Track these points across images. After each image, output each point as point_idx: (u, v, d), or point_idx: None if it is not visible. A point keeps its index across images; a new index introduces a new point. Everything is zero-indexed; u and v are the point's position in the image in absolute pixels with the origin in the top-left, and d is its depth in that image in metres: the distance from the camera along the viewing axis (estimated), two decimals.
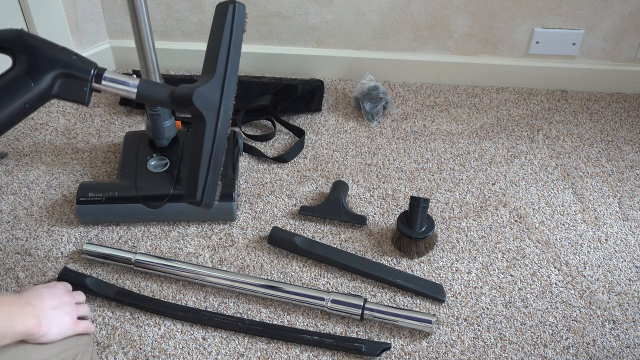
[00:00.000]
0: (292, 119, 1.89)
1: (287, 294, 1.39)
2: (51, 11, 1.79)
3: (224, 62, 0.90)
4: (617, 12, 1.86)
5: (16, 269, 1.47)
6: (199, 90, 0.88)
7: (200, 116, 0.87)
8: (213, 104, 0.88)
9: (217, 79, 0.89)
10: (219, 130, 0.88)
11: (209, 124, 0.87)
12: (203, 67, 0.91)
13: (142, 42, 1.40)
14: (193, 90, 0.87)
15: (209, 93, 0.88)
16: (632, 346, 1.36)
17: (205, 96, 0.88)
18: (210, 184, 0.88)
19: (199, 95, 0.87)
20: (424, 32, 1.94)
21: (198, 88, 0.88)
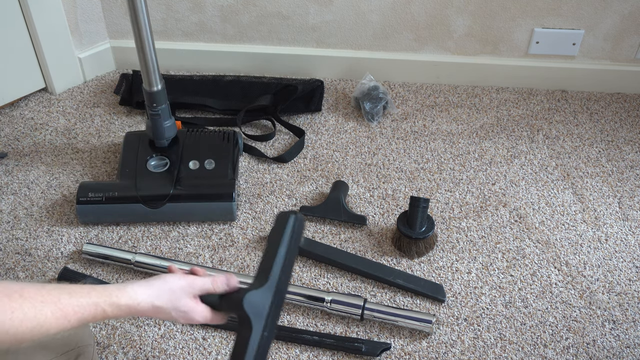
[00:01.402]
0: (292, 119, 1.89)
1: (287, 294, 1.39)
2: (51, 11, 1.79)
3: (278, 270, 0.91)
4: (617, 12, 1.86)
5: (16, 269, 1.47)
6: (251, 294, 0.89)
7: (247, 321, 0.87)
8: (262, 310, 0.89)
9: (269, 286, 0.90)
10: (265, 338, 0.88)
11: (255, 331, 0.87)
12: (257, 271, 0.93)
13: (142, 42, 1.40)
14: (244, 294, 0.88)
15: (260, 299, 0.89)
16: (632, 346, 1.36)
17: (256, 301, 0.89)
18: None
19: (249, 300, 0.88)
20: (424, 32, 1.94)
21: (250, 292, 0.89)
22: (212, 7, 1.90)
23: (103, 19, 1.93)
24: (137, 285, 0.87)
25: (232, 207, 1.54)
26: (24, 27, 1.78)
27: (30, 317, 0.75)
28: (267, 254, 0.93)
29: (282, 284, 0.92)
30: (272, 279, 0.91)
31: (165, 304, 0.88)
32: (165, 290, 0.89)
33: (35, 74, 1.89)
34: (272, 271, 0.91)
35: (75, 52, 1.93)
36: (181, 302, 0.89)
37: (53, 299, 0.78)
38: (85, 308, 0.80)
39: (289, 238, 0.94)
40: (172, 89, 1.86)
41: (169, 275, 0.90)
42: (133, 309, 0.86)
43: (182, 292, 0.90)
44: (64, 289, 0.80)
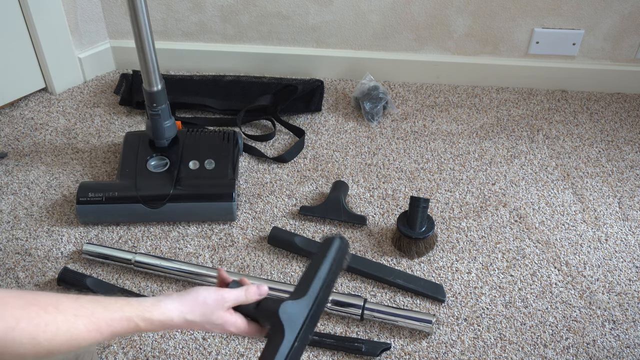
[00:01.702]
0: (292, 119, 1.89)
1: (286, 294, 1.39)
2: (51, 11, 1.79)
3: (318, 287, 0.93)
4: (617, 12, 1.86)
5: (16, 269, 1.47)
6: (288, 303, 0.90)
7: (280, 328, 0.88)
8: (297, 321, 0.90)
9: (307, 299, 0.92)
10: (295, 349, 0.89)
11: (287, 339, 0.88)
12: (296, 286, 0.94)
13: (142, 42, 1.40)
14: (281, 303, 0.90)
15: (296, 310, 0.91)
16: (632, 346, 1.36)
17: (292, 312, 0.90)
18: None
19: (285, 309, 0.89)
20: (424, 32, 1.94)
21: (287, 302, 0.90)
22: (212, 7, 1.90)
23: (103, 19, 1.93)
24: (169, 301, 0.87)
25: (232, 207, 1.54)
26: (24, 27, 1.78)
27: (64, 330, 0.75)
28: (309, 270, 0.95)
29: (320, 302, 0.93)
30: (311, 293, 0.92)
31: (198, 318, 0.89)
32: (198, 304, 0.89)
33: (35, 74, 1.89)
34: (311, 286, 0.92)
35: (75, 52, 1.93)
36: (214, 315, 0.90)
37: (87, 312, 0.78)
38: (118, 322, 0.81)
39: (333, 259, 0.96)
40: (172, 89, 1.86)
41: (201, 289, 0.91)
42: (166, 324, 0.86)
43: (215, 304, 0.90)
44: (98, 302, 0.81)
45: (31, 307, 0.74)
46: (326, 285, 0.95)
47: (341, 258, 0.98)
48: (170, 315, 0.86)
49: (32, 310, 0.74)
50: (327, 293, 0.96)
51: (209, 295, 0.91)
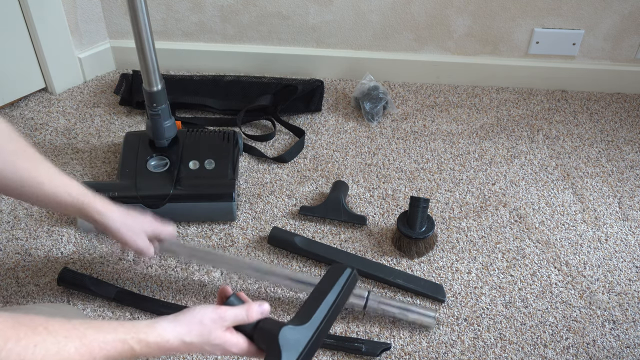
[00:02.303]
0: (292, 119, 1.89)
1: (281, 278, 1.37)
2: (51, 11, 1.79)
3: (322, 315, 0.90)
4: (617, 12, 1.86)
5: (16, 269, 1.47)
6: (289, 328, 0.87)
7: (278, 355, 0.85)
8: (296, 348, 0.87)
9: (309, 327, 0.88)
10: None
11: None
12: (300, 310, 0.91)
13: (142, 42, 1.40)
14: (282, 327, 0.87)
15: (296, 336, 0.87)
16: (632, 346, 1.36)
17: (291, 338, 0.87)
18: None
19: (285, 334, 0.87)
20: (424, 32, 1.94)
21: (288, 326, 0.87)
22: (212, 7, 1.90)
23: (103, 19, 1.93)
24: (166, 322, 0.85)
25: (232, 207, 1.54)
26: (24, 27, 1.78)
27: (53, 352, 0.73)
28: (315, 295, 0.92)
29: (322, 330, 0.90)
30: (314, 321, 0.89)
31: (196, 339, 0.86)
32: (195, 325, 0.86)
33: (35, 74, 1.89)
34: (315, 313, 0.89)
35: (75, 52, 1.93)
36: (212, 335, 0.87)
37: (78, 334, 0.76)
38: (111, 344, 0.78)
39: (341, 287, 0.93)
40: (172, 89, 1.86)
41: (198, 308, 0.88)
42: (162, 346, 0.84)
43: (213, 325, 0.87)
44: (90, 324, 0.79)
45: (20, 327, 0.72)
46: (330, 314, 0.91)
47: (349, 289, 0.95)
48: (167, 336, 0.84)
49: (20, 331, 0.71)
50: (330, 322, 0.92)
51: (206, 314, 0.87)
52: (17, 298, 1.41)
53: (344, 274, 0.94)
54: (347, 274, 0.94)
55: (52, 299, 1.41)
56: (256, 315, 0.90)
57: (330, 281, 0.93)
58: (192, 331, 0.86)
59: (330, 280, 0.93)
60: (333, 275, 0.94)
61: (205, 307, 0.88)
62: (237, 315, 0.89)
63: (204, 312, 0.87)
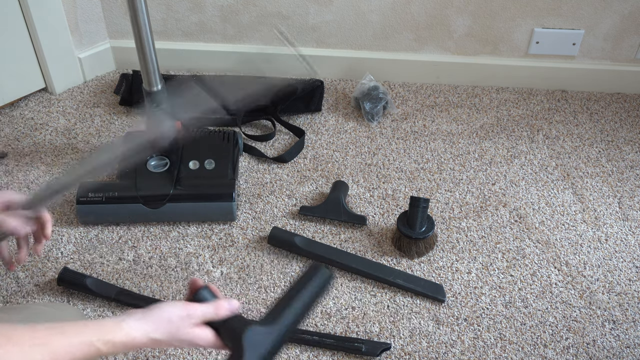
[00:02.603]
0: (292, 119, 1.89)
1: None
2: (51, 11, 1.79)
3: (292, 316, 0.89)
4: (617, 12, 1.86)
5: (16, 269, 1.47)
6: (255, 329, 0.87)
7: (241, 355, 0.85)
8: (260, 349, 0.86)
9: (276, 328, 0.88)
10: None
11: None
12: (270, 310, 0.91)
13: (142, 42, 1.40)
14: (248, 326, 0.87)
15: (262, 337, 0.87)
16: (632, 346, 1.36)
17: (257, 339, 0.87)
18: None
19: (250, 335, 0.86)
20: (424, 32, 1.94)
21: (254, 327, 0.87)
22: (212, 7, 1.90)
23: (103, 19, 1.93)
24: (133, 320, 0.84)
25: (232, 207, 1.54)
26: (24, 27, 1.78)
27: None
28: (287, 295, 0.91)
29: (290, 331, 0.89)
30: (283, 322, 0.88)
31: (163, 337, 0.85)
32: (162, 322, 0.86)
33: (35, 74, 1.89)
34: (285, 314, 0.89)
35: (75, 52, 1.93)
36: (180, 332, 0.86)
37: (43, 341, 0.75)
38: (77, 347, 0.77)
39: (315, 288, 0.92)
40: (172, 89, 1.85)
41: (166, 305, 0.87)
42: (129, 345, 0.83)
43: (181, 322, 0.86)
44: (54, 329, 0.78)
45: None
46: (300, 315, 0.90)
47: (323, 289, 0.94)
48: (134, 334, 0.83)
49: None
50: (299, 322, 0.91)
51: (174, 311, 0.86)
52: (17, 298, 1.41)
53: (319, 273, 0.93)
54: (323, 274, 0.94)
55: (52, 299, 1.41)
56: (225, 312, 0.89)
57: (305, 280, 0.93)
58: (159, 329, 0.85)
59: (305, 279, 0.93)
60: (309, 275, 0.93)
61: (174, 305, 0.87)
62: (206, 313, 0.88)
63: (172, 310, 0.86)
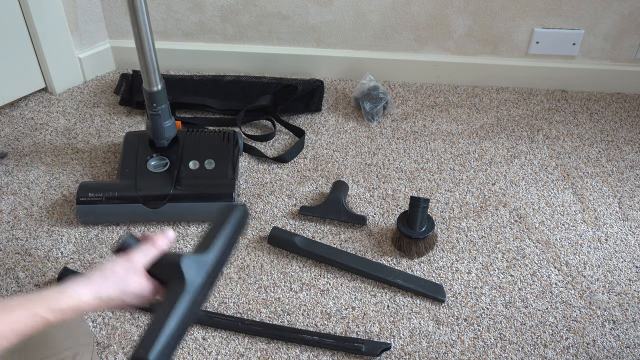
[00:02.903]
0: (292, 119, 1.89)
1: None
2: (51, 11, 1.79)
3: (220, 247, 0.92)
4: (617, 12, 1.86)
5: (16, 269, 1.47)
6: (190, 257, 0.88)
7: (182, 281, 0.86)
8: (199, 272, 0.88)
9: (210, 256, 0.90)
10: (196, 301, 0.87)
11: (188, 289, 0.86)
12: (197, 245, 0.93)
13: (142, 42, 1.40)
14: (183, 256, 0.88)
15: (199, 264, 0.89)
16: (632, 346, 1.36)
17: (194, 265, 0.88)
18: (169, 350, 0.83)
19: (187, 262, 0.87)
20: (424, 32, 1.94)
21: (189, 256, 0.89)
22: (212, 7, 1.90)
23: (103, 19, 1.93)
24: (76, 284, 0.82)
25: None
26: (24, 27, 1.78)
27: None
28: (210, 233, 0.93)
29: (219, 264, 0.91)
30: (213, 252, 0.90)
31: (112, 292, 0.83)
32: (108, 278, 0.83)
33: (35, 74, 1.89)
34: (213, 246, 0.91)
35: (75, 52, 1.93)
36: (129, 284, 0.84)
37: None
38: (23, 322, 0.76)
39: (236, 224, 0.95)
40: (172, 89, 1.86)
41: (106, 262, 0.85)
42: (79, 308, 0.81)
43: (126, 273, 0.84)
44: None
45: None
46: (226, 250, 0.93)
47: (242, 226, 0.97)
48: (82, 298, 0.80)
49: None
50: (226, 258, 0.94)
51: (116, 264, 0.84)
52: None
53: (236, 211, 0.96)
54: (240, 211, 0.97)
55: None
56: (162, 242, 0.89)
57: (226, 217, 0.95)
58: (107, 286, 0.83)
59: (226, 216, 0.96)
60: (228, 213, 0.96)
61: (114, 260, 0.86)
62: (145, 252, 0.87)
63: (113, 263, 0.85)
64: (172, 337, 0.82)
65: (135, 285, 0.84)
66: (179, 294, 0.84)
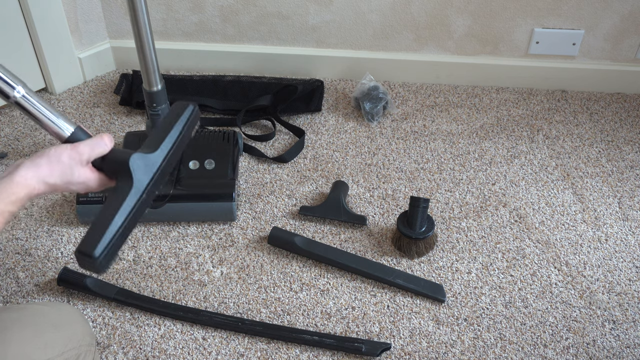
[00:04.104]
0: (292, 119, 1.89)
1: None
2: (51, 11, 1.79)
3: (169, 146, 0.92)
4: (617, 12, 1.86)
5: (16, 269, 1.47)
6: (138, 154, 0.88)
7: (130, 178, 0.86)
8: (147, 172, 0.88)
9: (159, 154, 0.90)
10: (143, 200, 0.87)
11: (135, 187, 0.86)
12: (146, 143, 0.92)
13: (142, 42, 1.40)
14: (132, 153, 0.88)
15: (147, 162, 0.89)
16: (632, 346, 1.36)
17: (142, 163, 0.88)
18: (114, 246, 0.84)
19: (136, 159, 0.88)
20: (424, 32, 1.94)
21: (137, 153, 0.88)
22: (212, 7, 1.90)
23: (103, 19, 1.94)
24: (24, 169, 0.84)
25: (232, 207, 1.54)
26: (24, 27, 1.78)
27: None
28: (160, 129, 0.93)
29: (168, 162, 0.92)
30: (162, 150, 0.91)
31: (58, 181, 0.85)
32: (54, 165, 0.85)
33: (35, 74, 1.89)
34: (162, 145, 0.91)
35: (75, 52, 1.93)
36: (74, 174, 0.86)
37: None
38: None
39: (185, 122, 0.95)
40: (172, 89, 1.86)
41: (53, 148, 0.86)
42: (31, 194, 0.84)
43: (72, 162, 0.86)
44: None
45: None
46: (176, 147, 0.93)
47: (191, 125, 0.97)
48: (30, 183, 0.83)
49: None
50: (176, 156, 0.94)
51: (63, 152, 0.86)
52: (17, 298, 1.41)
53: (186, 110, 0.96)
54: (190, 110, 0.97)
55: (52, 299, 1.42)
56: (109, 140, 0.90)
57: (173, 117, 0.95)
58: (53, 172, 0.85)
59: (173, 116, 0.95)
60: (176, 112, 0.96)
61: (61, 146, 0.87)
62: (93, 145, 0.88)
63: (60, 151, 0.86)
64: (117, 235, 0.83)
65: (80, 176, 0.87)
66: (126, 193, 0.86)
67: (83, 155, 0.87)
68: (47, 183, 0.85)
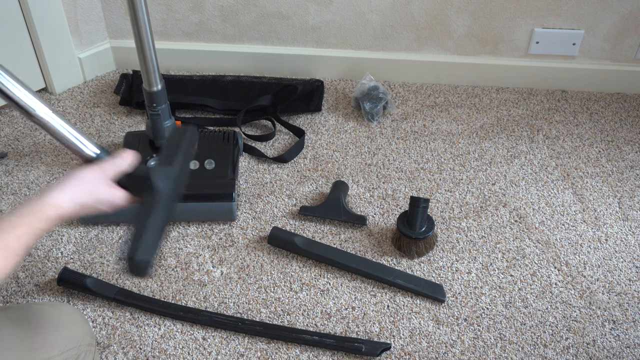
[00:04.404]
0: (292, 119, 1.89)
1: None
2: (51, 11, 1.79)
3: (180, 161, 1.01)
4: (617, 12, 1.86)
5: (16, 269, 1.47)
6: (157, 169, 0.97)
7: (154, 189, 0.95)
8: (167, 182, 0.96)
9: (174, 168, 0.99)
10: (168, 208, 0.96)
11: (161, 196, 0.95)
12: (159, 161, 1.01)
13: (142, 42, 1.40)
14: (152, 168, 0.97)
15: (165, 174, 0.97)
16: (632, 346, 1.36)
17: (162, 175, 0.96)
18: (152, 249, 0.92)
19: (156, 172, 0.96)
20: (424, 32, 1.94)
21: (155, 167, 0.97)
22: (212, 7, 1.90)
23: (103, 19, 1.94)
24: (54, 193, 0.89)
25: (232, 207, 1.54)
26: (24, 27, 1.78)
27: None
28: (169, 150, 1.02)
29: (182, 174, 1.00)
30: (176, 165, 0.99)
31: (87, 200, 0.91)
32: (81, 186, 0.91)
33: (35, 74, 1.89)
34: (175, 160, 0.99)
35: (75, 52, 1.93)
36: (100, 192, 0.92)
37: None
38: (25, 237, 0.83)
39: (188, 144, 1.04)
40: (172, 89, 1.86)
41: (79, 171, 0.93)
42: (62, 215, 0.89)
43: (97, 182, 0.92)
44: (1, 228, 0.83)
45: None
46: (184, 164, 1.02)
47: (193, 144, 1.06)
48: (62, 205, 0.88)
49: None
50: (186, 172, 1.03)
51: (88, 173, 0.92)
52: (17, 298, 1.41)
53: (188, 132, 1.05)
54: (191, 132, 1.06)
55: (52, 299, 1.42)
56: (132, 158, 0.97)
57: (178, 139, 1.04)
58: (81, 192, 0.91)
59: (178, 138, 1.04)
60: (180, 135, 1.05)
61: (86, 168, 0.93)
62: (115, 165, 0.95)
63: (85, 172, 0.93)
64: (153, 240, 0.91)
65: (106, 193, 0.93)
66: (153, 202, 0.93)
67: (108, 174, 0.94)
68: (77, 203, 0.90)
